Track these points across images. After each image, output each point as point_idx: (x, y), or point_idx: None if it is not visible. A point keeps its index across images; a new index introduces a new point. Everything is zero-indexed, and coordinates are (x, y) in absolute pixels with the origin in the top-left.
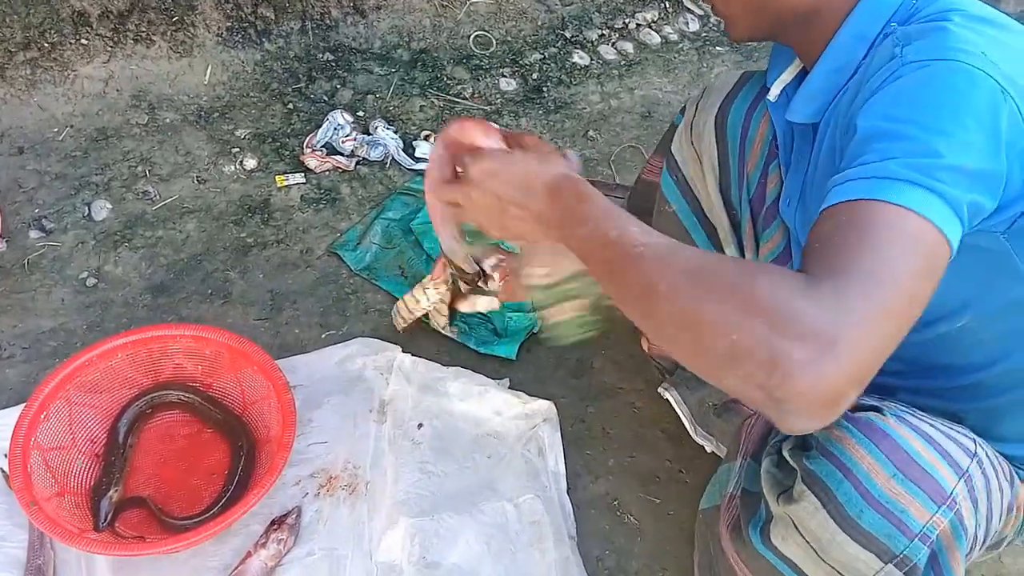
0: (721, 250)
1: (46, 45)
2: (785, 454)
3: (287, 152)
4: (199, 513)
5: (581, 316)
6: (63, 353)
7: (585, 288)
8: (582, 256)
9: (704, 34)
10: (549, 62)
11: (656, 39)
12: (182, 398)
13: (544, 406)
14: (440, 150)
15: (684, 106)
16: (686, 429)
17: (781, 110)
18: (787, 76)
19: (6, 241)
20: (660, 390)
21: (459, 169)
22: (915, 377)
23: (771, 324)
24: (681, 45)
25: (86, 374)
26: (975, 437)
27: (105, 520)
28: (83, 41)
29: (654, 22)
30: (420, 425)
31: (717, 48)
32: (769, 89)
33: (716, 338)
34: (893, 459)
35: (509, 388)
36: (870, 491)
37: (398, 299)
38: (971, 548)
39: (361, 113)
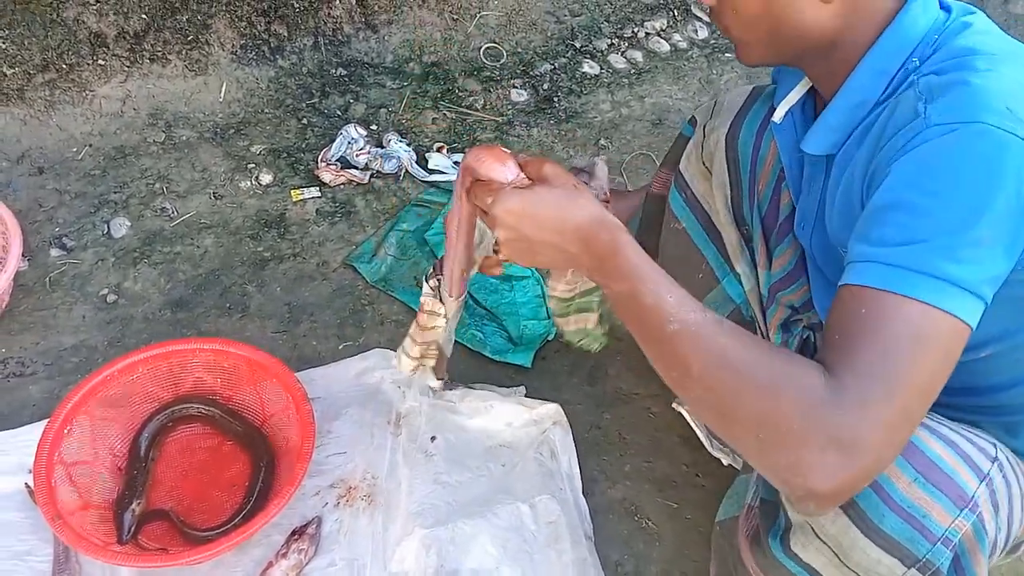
0: (731, 264)
1: (64, 66)
2: None
3: (302, 167)
4: (220, 524)
5: (586, 329)
6: (85, 369)
7: (596, 303)
8: (615, 307)
9: (713, 41)
10: (559, 72)
11: (665, 47)
12: (202, 411)
13: (552, 409)
14: (460, 181)
15: (693, 116)
16: None
17: (786, 133)
18: (793, 97)
19: (28, 260)
20: (675, 404)
21: (481, 207)
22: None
23: (797, 431)
24: (690, 53)
25: (108, 389)
26: (995, 441)
27: (128, 533)
28: (100, 62)
29: (663, 30)
30: (433, 438)
31: (726, 55)
32: (775, 111)
33: (745, 431)
34: (914, 463)
35: (525, 395)
36: (891, 496)
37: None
38: (992, 552)
39: (374, 127)
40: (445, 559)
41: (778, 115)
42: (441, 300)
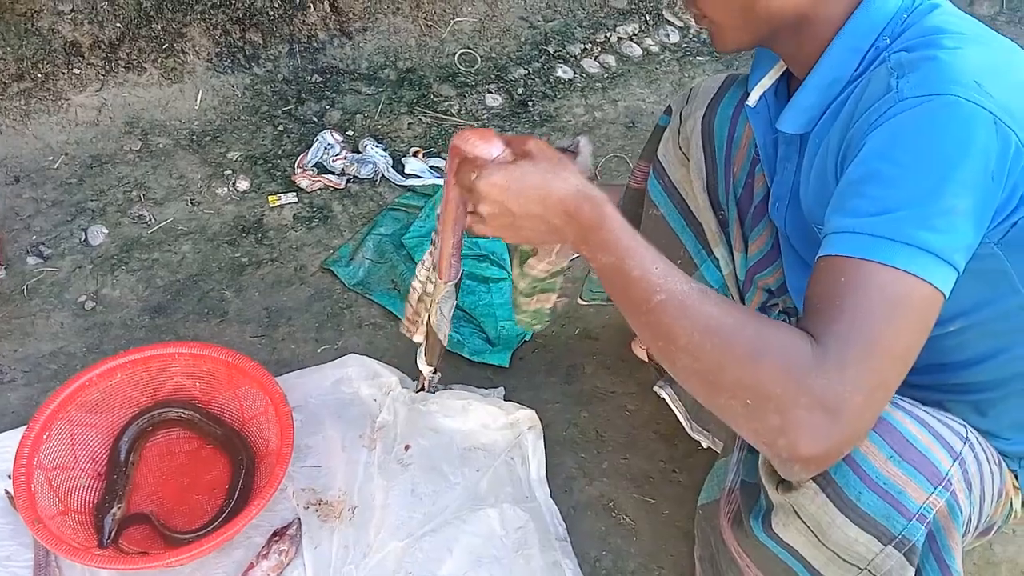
0: (709, 249)
1: (39, 75)
2: None
3: (279, 173)
4: (201, 527)
5: (543, 310)
6: (63, 376)
7: (557, 285)
8: (601, 277)
9: (685, 45)
10: (533, 77)
11: (638, 51)
12: (182, 415)
13: (527, 415)
14: (449, 165)
15: (668, 106)
16: (680, 429)
17: (760, 116)
18: (767, 81)
19: (5, 268)
20: (655, 388)
21: (466, 184)
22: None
23: (782, 396)
24: (662, 56)
25: (86, 394)
26: (965, 424)
27: (109, 536)
28: (75, 71)
29: (635, 35)
30: (407, 447)
31: (698, 58)
32: (748, 94)
33: (731, 398)
34: (890, 441)
35: (504, 397)
36: (868, 473)
37: (397, 315)
38: (966, 531)
39: (350, 132)
40: (416, 571)
41: (752, 99)
42: (437, 273)
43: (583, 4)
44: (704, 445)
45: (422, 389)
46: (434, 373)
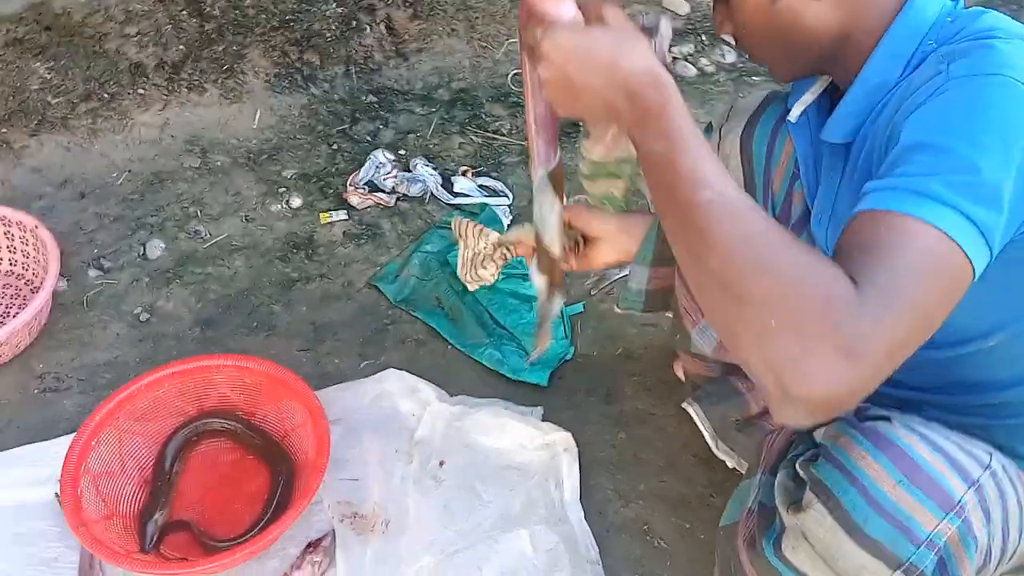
0: None
1: (106, 95)
2: (797, 466)
3: (331, 190)
4: (239, 536)
5: (612, 195)
6: (117, 385)
7: (626, 171)
8: (646, 169)
9: (740, 65)
10: None
11: (692, 71)
12: (226, 426)
13: (563, 437)
14: (520, 14)
15: (709, 122)
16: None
17: (802, 131)
18: (808, 97)
19: (67, 280)
20: (683, 405)
21: (530, 42)
22: (942, 393)
23: (812, 325)
24: (717, 76)
25: (135, 403)
26: (993, 451)
27: (151, 542)
28: (140, 91)
29: (691, 55)
30: (442, 463)
31: (753, 78)
32: (790, 111)
33: (756, 315)
34: (899, 466)
35: (543, 416)
36: (876, 498)
37: (439, 332)
38: (986, 561)
39: (402, 151)
40: None
41: (793, 114)
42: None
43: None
44: (730, 465)
45: (543, 322)
46: (549, 287)
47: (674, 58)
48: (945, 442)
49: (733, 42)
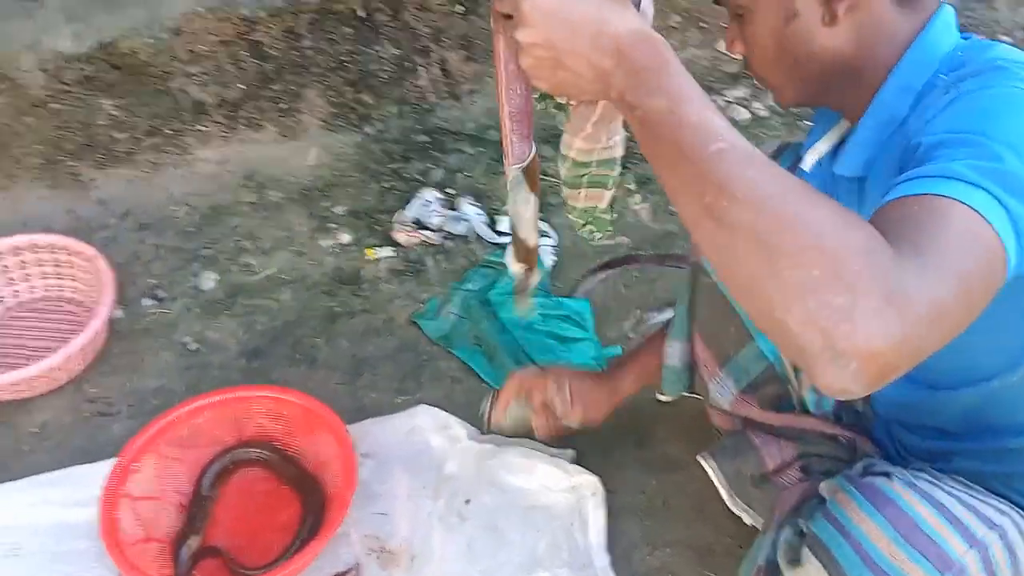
0: None
1: (169, 132)
2: (800, 521)
3: (379, 227)
4: (265, 565)
5: (596, 209)
6: (163, 411)
7: (611, 180)
8: (645, 132)
9: (794, 109)
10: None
11: (746, 115)
12: (262, 455)
13: (591, 481)
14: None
15: None
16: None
17: (816, 179)
18: (823, 146)
19: (123, 308)
20: (699, 457)
21: (508, 10)
22: (969, 439)
23: (860, 273)
24: (770, 120)
25: (175, 430)
26: (1007, 509)
27: (183, 567)
28: (201, 127)
29: (744, 99)
30: (468, 501)
31: (806, 122)
32: (803, 158)
33: (796, 266)
34: (896, 524)
35: (574, 458)
36: (870, 555)
37: (476, 371)
38: None
39: (451, 190)
40: None
41: (807, 163)
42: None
43: (693, 68)
44: (747, 521)
45: (521, 294)
46: (525, 272)
47: (727, 101)
48: (950, 500)
49: (744, 63)
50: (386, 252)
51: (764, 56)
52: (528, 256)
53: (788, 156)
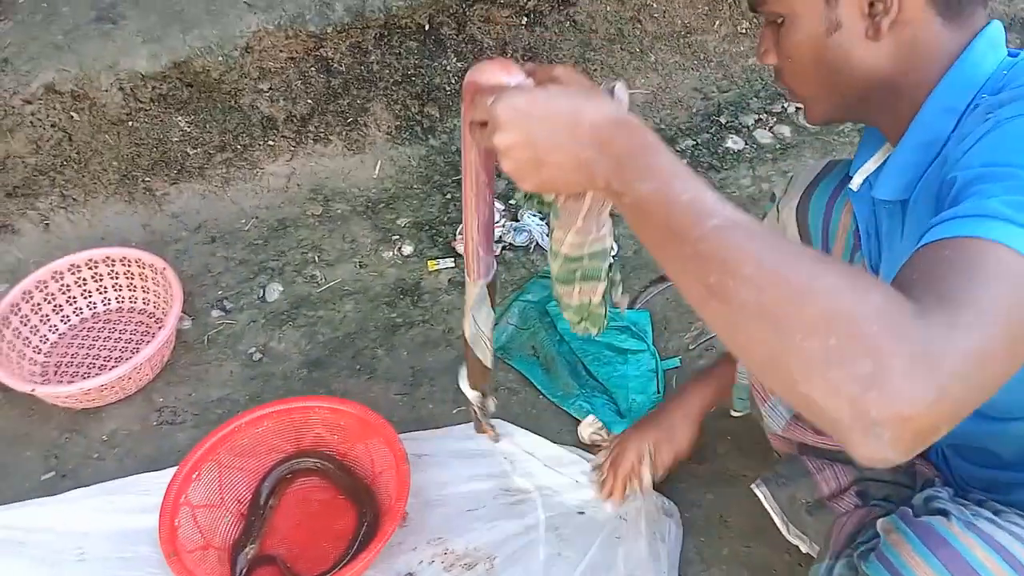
0: None
1: (239, 147)
2: (856, 557)
3: (441, 239)
4: (321, 574)
5: (590, 304)
6: (226, 420)
7: (604, 271)
8: (637, 217)
9: (815, 130)
10: (701, 148)
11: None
12: (319, 465)
13: (666, 503)
14: (464, 111)
15: (773, 193)
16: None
17: (863, 200)
18: (871, 165)
19: (192, 319)
20: (752, 486)
21: (482, 117)
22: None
23: (879, 335)
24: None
25: (236, 439)
26: None
27: (240, 574)
28: (270, 142)
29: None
30: (532, 512)
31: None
32: (852, 178)
33: (810, 337)
34: (951, 568)
35: None
36: None
37: (533, 381)
38: None
39: (512, 201)
40: None
41: (855, 182)
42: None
43: (761, 75)
44: (803, 549)
45: (478, 422)
46: (482, 398)
47: (796, 107)
48: (1011, 541)
49: (775, 73)
50: (447, 263)
51: (800, 67)
52: (485, 378)
53: (836, 175)
